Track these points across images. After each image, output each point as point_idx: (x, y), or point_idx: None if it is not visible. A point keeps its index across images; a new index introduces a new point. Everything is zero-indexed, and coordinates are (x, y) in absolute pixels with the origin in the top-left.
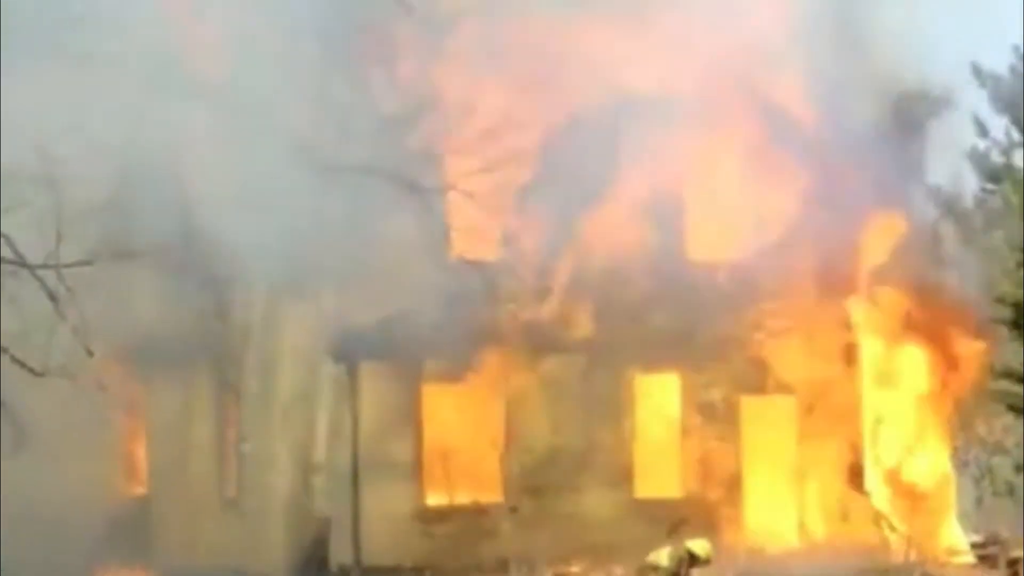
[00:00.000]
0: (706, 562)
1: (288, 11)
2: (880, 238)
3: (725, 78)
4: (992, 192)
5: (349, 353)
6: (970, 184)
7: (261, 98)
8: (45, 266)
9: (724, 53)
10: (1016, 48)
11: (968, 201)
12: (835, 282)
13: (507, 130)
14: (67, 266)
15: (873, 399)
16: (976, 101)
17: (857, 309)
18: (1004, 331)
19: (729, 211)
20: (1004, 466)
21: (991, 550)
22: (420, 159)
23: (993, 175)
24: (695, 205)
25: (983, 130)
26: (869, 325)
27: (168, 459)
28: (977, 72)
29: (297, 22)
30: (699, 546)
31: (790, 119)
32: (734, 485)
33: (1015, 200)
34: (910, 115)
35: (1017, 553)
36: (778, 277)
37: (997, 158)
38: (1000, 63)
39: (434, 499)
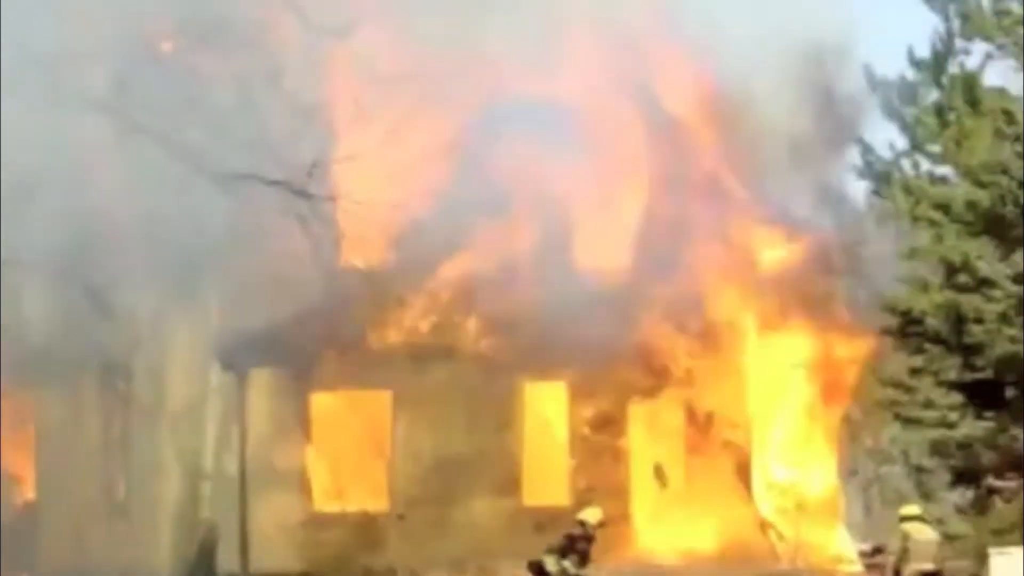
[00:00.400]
0: (600, 526)
1: (178, 17)
2: (769, 246)
3: (614, 86)
4: (880, 199)
5: (238, 361)
6: (858, 191)
7: (150, 107)
8: None
9: (614, 60)
10: (910, 52)
11: (859, 208)
12: (724, 291)
13: (398, 138)
14: None
15: (760, 409)
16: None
17: (746, 319)
18: (891, 341)
19: (616, 218)
20: (892, 475)
21: (878, 559)
22: (310, 167)
23: (883, 182)
24: (583, 213)
25: (866, 146)
26: (757, 335)
27: (56, 465)
28: (870, 78)
29: (186, 27)
30: (590, 514)
31: (678, 126)
32: (622, 493)
33: (904, 207)
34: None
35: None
36: (665, 286)
37: (885, 166)
38: (891, 69)
39: (322, 507)
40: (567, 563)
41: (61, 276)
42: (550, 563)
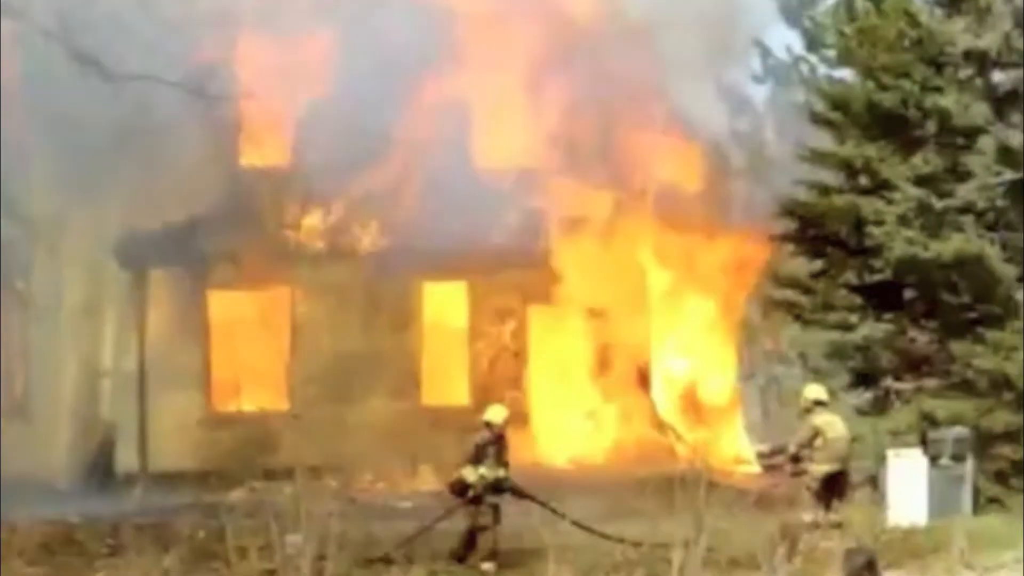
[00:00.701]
0: (505, 424)
1: None
2: (670, 148)
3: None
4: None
5: (136, 259)
6: (760, 91)
7: (49, 8)
8: None
9: None
10: None
11: (759, 108)
12: (624, 191)
13: (298, 38)
14: None
15: (660, 309)
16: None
17: (645, 219)
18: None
19: (515, 117)
20: (789, 376)
21: (777, 459)
22: (210, 67)
23: (781, 83)
24: (482, 112)
25: (765, 50)
26: (656, 234)
27: None
28: None
29: None
30: (494, 413)
31: (575, 25)
32: (521, 394)
33: (803, 105)
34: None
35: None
36: (566, 183)
37: (784, 68)
38: None
39: (220, 406)
40: (483, 469)
41: None
42: (468, 474)
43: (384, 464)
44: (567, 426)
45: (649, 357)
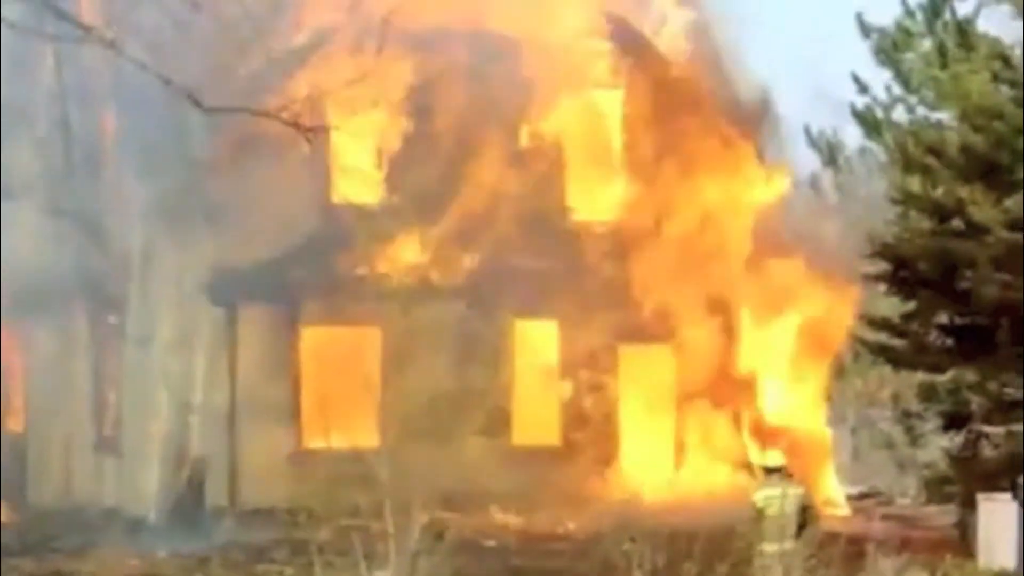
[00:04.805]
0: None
1: None
2: (761, 189)
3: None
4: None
5: (228, 295)
6: (852, 135)
7: (141, 39)
8: None
9: None
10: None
11: (850, 152)
12: (717, 234)
13: (392, 73)
14: None
15: (751, 351)
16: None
17: (738, 261)
18: (881, 285)
19: (607, 158)
20: (881, 419)
21: (867, 503)
22: (305, 99)
23: (875, 129)
24: (575, 150)
25: (862, 86)
26: (749, 277)
27: (46, 398)
28: (861, 24)
29: None
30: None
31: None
32: (611, 434)
33: (895, 154)
34: None
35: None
36: (653, 224)
37: (879, 113)
38: (885, 16)
39: (310, 442)
40: None
41: (53, 206)
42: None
43: (472, 502)
44: (657, 467)
45: (739, 398)
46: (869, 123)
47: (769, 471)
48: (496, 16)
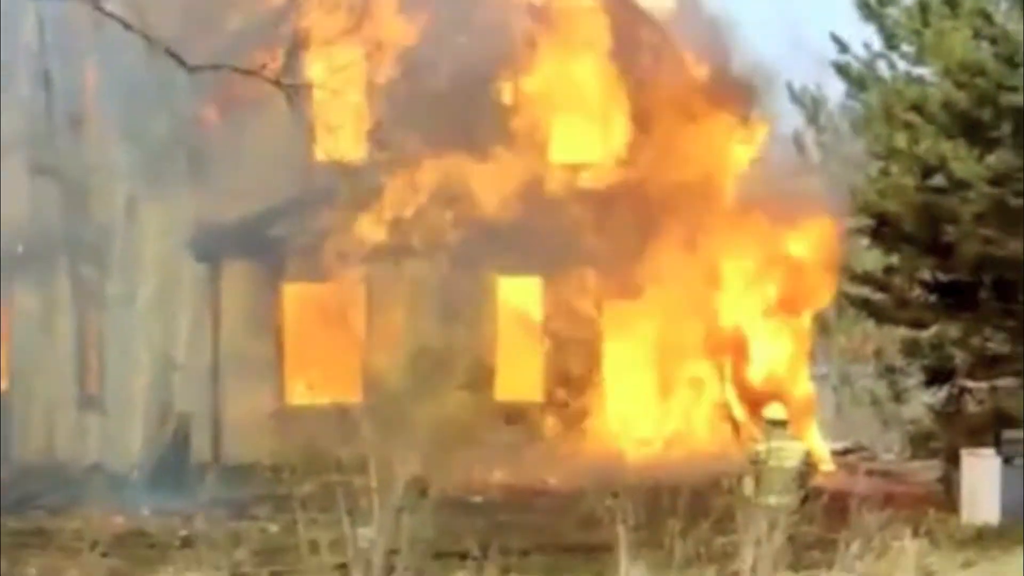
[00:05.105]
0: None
1: None
2: (743, 144)
3: None
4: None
5: (212, 252)
6: (834, 91)
7: None
8: None
9: None
10: None
11: (832, 108)
12: (697, 190)
13: (377, 27)
14: None
15: (734, 305)
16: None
17: (720, 217)
18: (864, 239)
19: (591, 116)
20: (863, 374)
21: (851, 458)
22: (285, 55)
23: (859, 84)
24: (559, 107)
25: (843, 46)
26: (730, 234)
27: (29, 355)
28: None
29: None
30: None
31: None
32: (595, 390)
33: (879, 107)
34: None
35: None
36: (638, 183)
37: (862, 66)
38: None
39: (294, 399)
40: None
41: (35, 165)
42: None
43: (456, 458)
44: (641, 423)
45: (722, 354)
46: (852, 78)
47: (773, 423)
48: None
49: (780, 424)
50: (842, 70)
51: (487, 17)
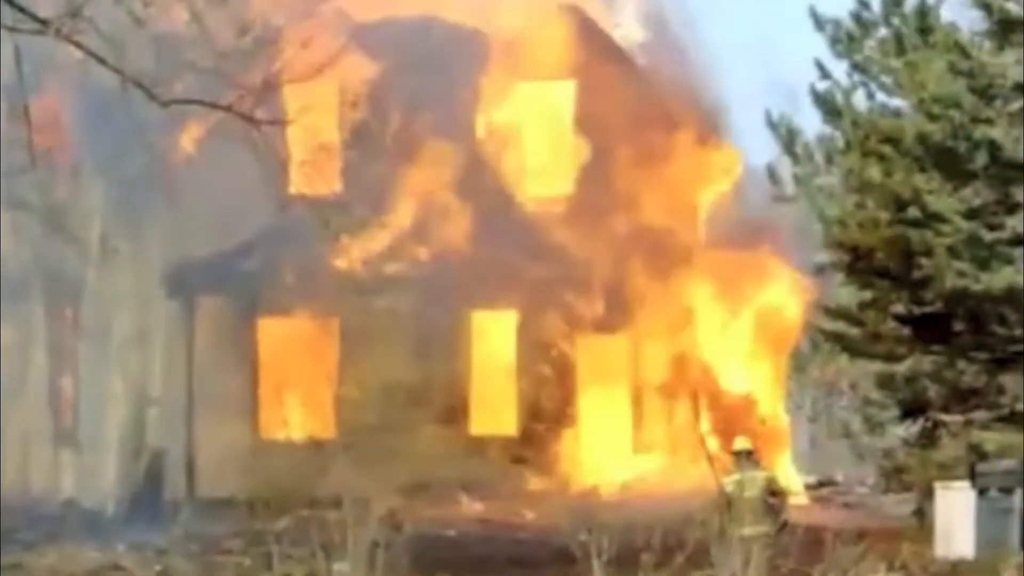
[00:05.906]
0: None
1: None
2: (716, 177)
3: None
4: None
5: (185, 287)
6: (809, 123)
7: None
8: None
9: None
10: None
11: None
12: (670, 223)
13: (346, 65)
14: None
15: (708, 340)
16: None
17: (693, 251)
18: (838, 274)
19: (562, 149)
20: (839, 407)
21: (825, 492)
22: (258, 93)
23: (835, 113)
24: (530, 141)
25: (825, 73)
26: (704, 268)
27: (3, 389)
28: (815, 18)
29: None
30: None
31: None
32: (569, 423)
33: (854, 140)
34: None
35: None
36: (608, 214)
37: (839, 97)
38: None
39: (268, 434)
40: None
41: (12, 200)
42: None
43: (430, 493)
44: (615, 457)
45: (697, 387)
46: (829, 107)
47: (737, 454)
48: (449, 5)
49: (746, 454)
50: (819, 98)
51: (457, 51)
